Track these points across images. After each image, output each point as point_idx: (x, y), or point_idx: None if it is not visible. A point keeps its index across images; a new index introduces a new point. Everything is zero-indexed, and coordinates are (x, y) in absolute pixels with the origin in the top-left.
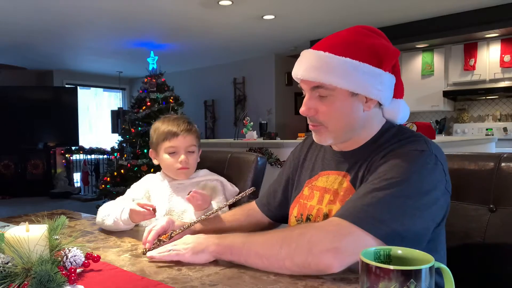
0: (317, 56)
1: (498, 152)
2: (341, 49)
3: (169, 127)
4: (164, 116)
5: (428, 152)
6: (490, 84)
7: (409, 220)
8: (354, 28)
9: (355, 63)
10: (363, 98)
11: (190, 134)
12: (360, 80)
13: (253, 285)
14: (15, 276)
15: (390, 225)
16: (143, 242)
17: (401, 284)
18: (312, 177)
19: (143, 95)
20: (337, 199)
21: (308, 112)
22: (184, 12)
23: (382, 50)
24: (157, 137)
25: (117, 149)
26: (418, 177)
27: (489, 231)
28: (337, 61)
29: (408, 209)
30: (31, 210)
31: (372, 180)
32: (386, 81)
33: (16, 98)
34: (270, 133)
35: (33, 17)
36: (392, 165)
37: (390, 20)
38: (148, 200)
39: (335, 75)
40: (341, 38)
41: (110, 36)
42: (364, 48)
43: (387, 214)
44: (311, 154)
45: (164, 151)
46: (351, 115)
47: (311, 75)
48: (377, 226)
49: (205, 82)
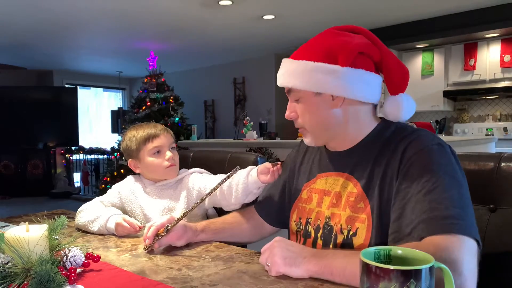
0: (284, 63)
1: (498, 152)
2: (301, 53)
3: (146, 131)
4: (133, 126)
5: (444, 144)
6: (490, 84)
7: (469, 209)
8: (326, 30)
9: (309, 64)
10: (328, 97)
11: (168, 133)
12: (316, 79)
13: (253, 285)
14: (15, 276)
15: (464, 217)
16: (144, 239)
17: (401, 284)
18: (310, 180)
19: (143, 95)
20: (341, 203)
21: (290, 115)
22: (184, 12)
23: (338, 46)
24: (137, 143)
25: (117, 149)
26: (453, 167)
27: (489, 231)
28: (295, 65)
29: (464, 198)
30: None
31: (414, 189)
32: (345, 75)
33: (16, 98)
34: (270, 133)
35: (33, 17)
36: (423, 166)
37: (390, 20)
38: (125, 203)
39: (294, 77)
40: (307, 43)
41: (110, 36)
42: (319, 49)
43: (455, 209)
44: (307, 158)
45: (148, 154)
46: (320, 114)
47: (280, 80)
48: (457, 223)
49: (205, 82)
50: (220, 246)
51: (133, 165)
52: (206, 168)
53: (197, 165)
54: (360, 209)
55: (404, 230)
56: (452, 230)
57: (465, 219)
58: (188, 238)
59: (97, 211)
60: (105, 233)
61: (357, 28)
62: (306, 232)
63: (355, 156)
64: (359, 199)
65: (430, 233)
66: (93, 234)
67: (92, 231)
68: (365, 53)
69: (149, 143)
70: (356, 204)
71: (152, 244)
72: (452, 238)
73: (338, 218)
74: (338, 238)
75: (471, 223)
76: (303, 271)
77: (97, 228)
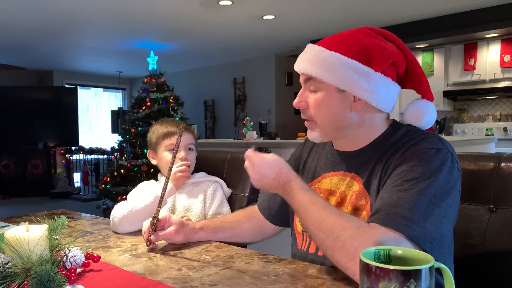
0: (311, 49)
1: (498, 152)
2: (334, 44)
3: (168, 127)
4: (162, 119)
5: (444, 150)
6: (490, 84)
7: (436, 219)
8: (359, 28)
9: (342, 58)
10: (351, 97)
11: (189, 133)
12: (346, 76)
13: (253, 285)
14: (15, 276)
15: (421, 224)
16: (143, 234)
17: (401, 284)
18: (315, 180)
19: (143, 95)
20: (345, 202)
21: (299, 104)
22: (184, 12)
23: (374, 49)
24: (157, 137)
25: (117, 149)
26: (440, 176)
27: (489, 231)
28: (326, 55)
29: (435, 208)
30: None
31: (394, 182)
32: (375, 81)
33: (16, 98)
34: (270, 133)
35: (33, 17)
36: (411, 165)
37: (390, 20)
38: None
39: (322, 68)
40: (340, 35)
41: (110, 36)
42: (355, 46)
43: (417, 214)
44: (312, 157)
45: (165, 148)
46: (337, 112)
47: (303, 66)
48: (410, 227)
49: (205, 82)
50: (220, 246)
51: (151, 156)
52: (206, 168)
53: (197, 165)
54: (361, 206)
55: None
56: (402, 231)
57: (420, 226)
58: (186, 234)
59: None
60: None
61: (389, 34)
62: None
63: (363, 157)
64: (361, 196)
65: (383, 224)
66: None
67: (138, 215)
68: (395, 63)
69: (167, 139)
70: (358, 202)
71: (149, 238)
72: (396, 236)
73: None
74: None
75: (426, 232)
76: (273, 181)
77: (152, 198)
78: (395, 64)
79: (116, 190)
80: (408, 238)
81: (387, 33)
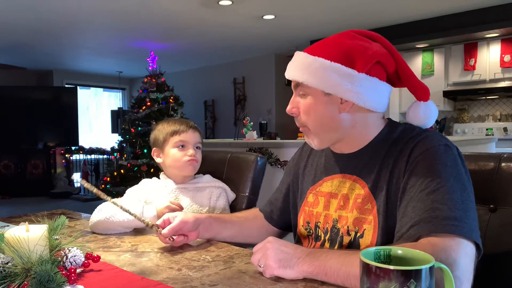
0: (298, 56)
1: (498, 152)
2: (318, 50)
3: (176, 125)
4: (167, 118)
5: (451, 145)
6: (490, 84)
7: (473, 212)
8: (344, 31)
9: (325, 63)
10: (338, 99)
11: (197, 132)
12: (330, 79)
13: (253, 285)
14: (15, 276)
15: (466, 221)
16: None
17: (401, 284)
18: (316, 183)
19: (143, 95)
20: (349, 205)
21: (291, 110)
22: (184, 12)
23: (357, 51)
24: (164, 135)
25: (117, 149)
26: (458, 169)
27: (489, 231)
28: (311, 60)
29: (468, 203)
30: (31, 210)
31: (415, 187)
32: (359, 82)
33: (16, 98)
34: (270, 133)
35: (33, 17)
36: (426, 166)
37: (390, 20)
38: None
39: (307, 73)
40: (325, 40)
41: (110, 36)
42: (339, 49)
43: (458, 212)
44: (311, 160)
45: (173, 145)
46: (326, 115)
47: (291, 73)
48: (459, 226)
49: (205, 82)
50: (220, 246)
51: (156, 154)
52: (206, 168)
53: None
54: (367, 210)
55: (404, 227)
56: (452, 232)
57: (466, 222)
58: (199, 232)
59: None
60: (130, 226)
61: (375, 35)
62: (317, 237)
63: (363, 158)
64: (366, 200)
65: (429, 232)
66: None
67: (116, 224)
68: (381, 63)
69: (175, 135)
70: (363, 206)
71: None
72: (451, 240)
73: (345, 220)
74: (344, 239)
75: (472, 226)
76: (297, 272)
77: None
78: (382, 63)
79: (116, 190)
80: (459, 236)
81: (373, 34)
